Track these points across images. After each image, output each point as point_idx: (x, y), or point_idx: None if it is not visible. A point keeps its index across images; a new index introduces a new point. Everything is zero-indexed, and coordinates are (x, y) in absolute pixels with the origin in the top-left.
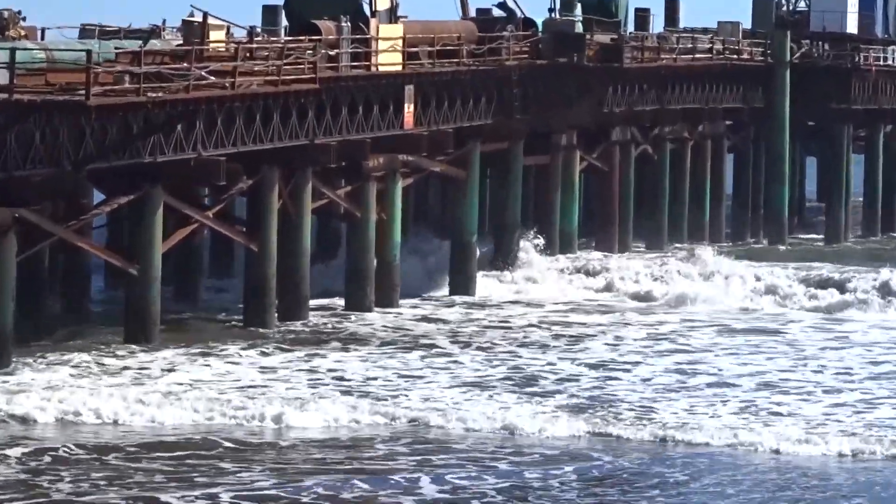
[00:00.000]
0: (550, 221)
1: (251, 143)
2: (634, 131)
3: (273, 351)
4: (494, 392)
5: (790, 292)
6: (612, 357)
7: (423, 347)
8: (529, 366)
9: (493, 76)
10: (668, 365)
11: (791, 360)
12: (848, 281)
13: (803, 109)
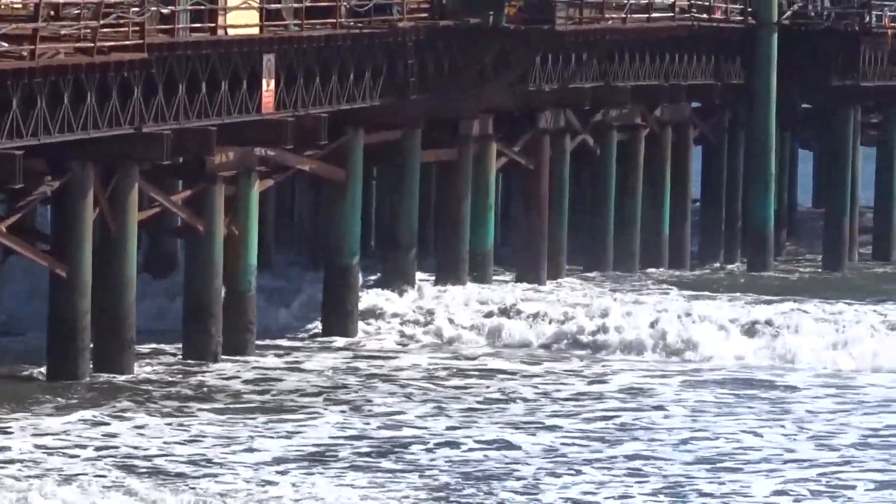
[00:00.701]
0: (457, 237)
1: (57, 133)
2: (570, 116)
3: (68, 411)
4: (340, 468)
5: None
6: (526, 419)
7: (271, 406)
8: (405, 431)
9: (381, 43)
10: (591, 428)
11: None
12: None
13: (795, 87)
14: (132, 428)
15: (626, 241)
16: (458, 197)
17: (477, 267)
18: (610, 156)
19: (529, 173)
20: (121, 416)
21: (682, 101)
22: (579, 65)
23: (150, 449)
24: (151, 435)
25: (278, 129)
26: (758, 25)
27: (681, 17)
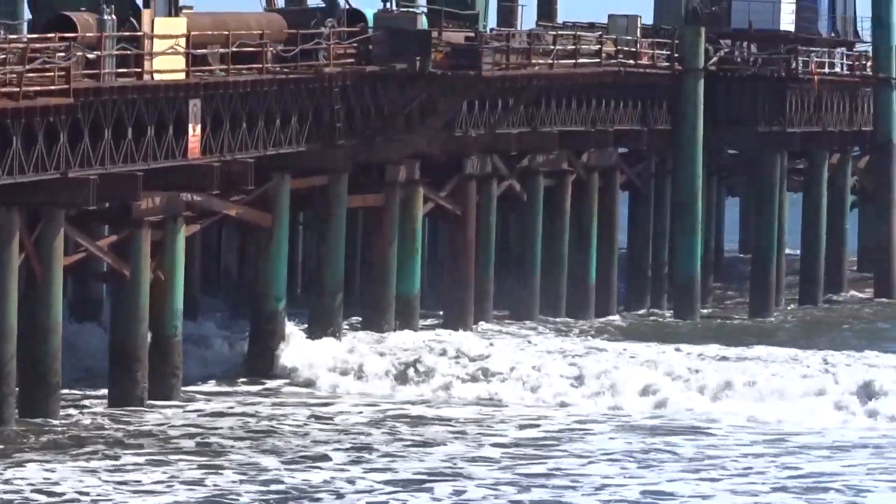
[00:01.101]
0: (384, 282)
1: None
2: (497, 162)
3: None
4: None
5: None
6: (445, 467)
7: (193, 451)
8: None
9: (307, 88)
10: (510, 478)
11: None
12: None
13: (722, 133)
14: (43, 472)
15: (553, 287)
16: (384, 242)
17: (403, 312)
18: (536, 201)
19: (456, 218)
20: (34, 460)
21: (609, 147)
22: (506, 110)
23: (66, 494)
24: (59, 478)
25: (204, 175)
26: (684, 71)
27: (607, 63)
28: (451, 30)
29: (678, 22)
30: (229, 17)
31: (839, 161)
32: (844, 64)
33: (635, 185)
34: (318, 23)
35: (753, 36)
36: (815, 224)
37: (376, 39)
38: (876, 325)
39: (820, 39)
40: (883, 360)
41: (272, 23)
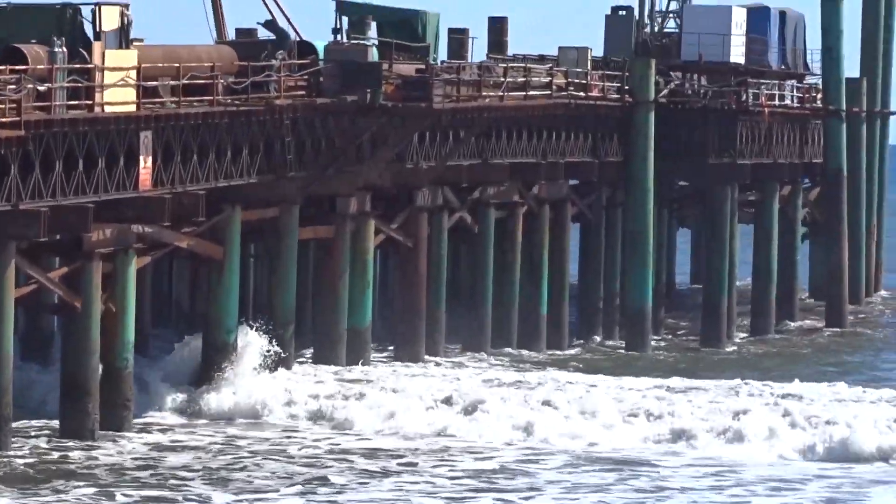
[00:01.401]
0: (335, 314)
1: None
2: (448, 194)
3: None
4: None
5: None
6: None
7: (141, 485)
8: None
9: (258, 120)
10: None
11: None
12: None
13: (673, 165)
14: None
15: (504, 319)
16: (335, 274)
17: (355, 344)
18: (488, 233)
19: (407, 250)
20: None
21: (560, 179)
22: (457, 142)
23: None
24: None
25: (156, 207)
26: (635, 103)
27: (558, 95)
28: (401, 62)
29: (628, 54)
30: (180, 49)
31: (790, 193)
32: (795, 96)
33: (586, 216)
34: (269, 55)
35: (704, 68)
36: (766, 255)
37: (327, 72)
38: (826, 355)
39: (770, 71)
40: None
41: (223, 55)
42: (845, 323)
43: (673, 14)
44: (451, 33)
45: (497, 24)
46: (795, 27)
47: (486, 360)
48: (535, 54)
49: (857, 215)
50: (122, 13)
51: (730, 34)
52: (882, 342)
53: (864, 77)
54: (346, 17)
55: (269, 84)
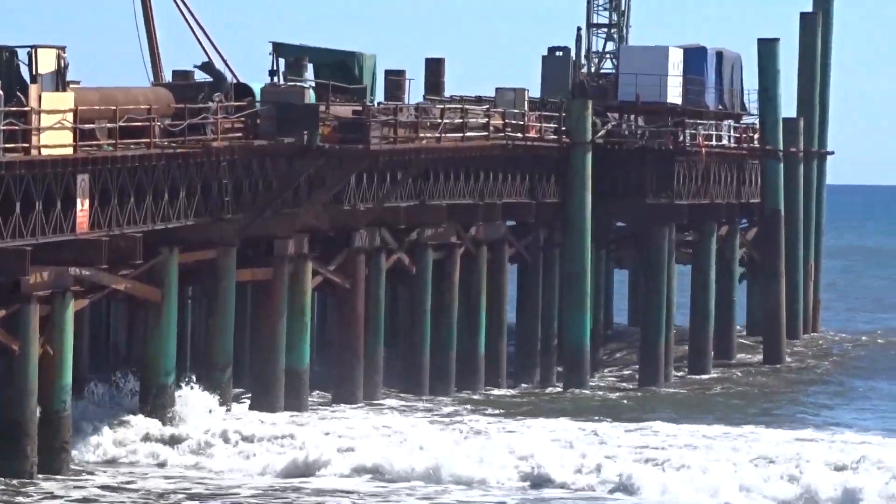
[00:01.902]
0: (273, 356)
1: None
2: (385, 235)
3: None
4: None
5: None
6: None
7: None
8: None
9: (195, 162)
10: None
11: None
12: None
13: (610, 206)
14: None
15: (443, 360)
16: (273, 316)
17: (293, 386)
18: (425, 275)
19: (345, 292)
20: None
21: (498, 220)
22: (394, 184)
23: None
24: None
25: (93, 249)
26: (572, 144)
27: (495, 136)
28: (338, 103)
29: (565, 95)
30: (117, 91)
31: (727, 233)
32: (732, 136)
33: (524, 257)
34: (206, 97)
35: (641, 109)
36: (703, 295)
37: (264, 114)
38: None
39: (707, 112)
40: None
41: (160, 97)
42: (783, 359)
43: (610, 55)
44: (387, 74)
45: (434, 66)
46: (732, 67)
47: (416, 403)
48: (473, 95)
49: (795, 255)
50: (58, 56)
51: (667, 75)
52: (812, 381)
53: (801, 117)
54: (283, 58)
55: (206, 126)
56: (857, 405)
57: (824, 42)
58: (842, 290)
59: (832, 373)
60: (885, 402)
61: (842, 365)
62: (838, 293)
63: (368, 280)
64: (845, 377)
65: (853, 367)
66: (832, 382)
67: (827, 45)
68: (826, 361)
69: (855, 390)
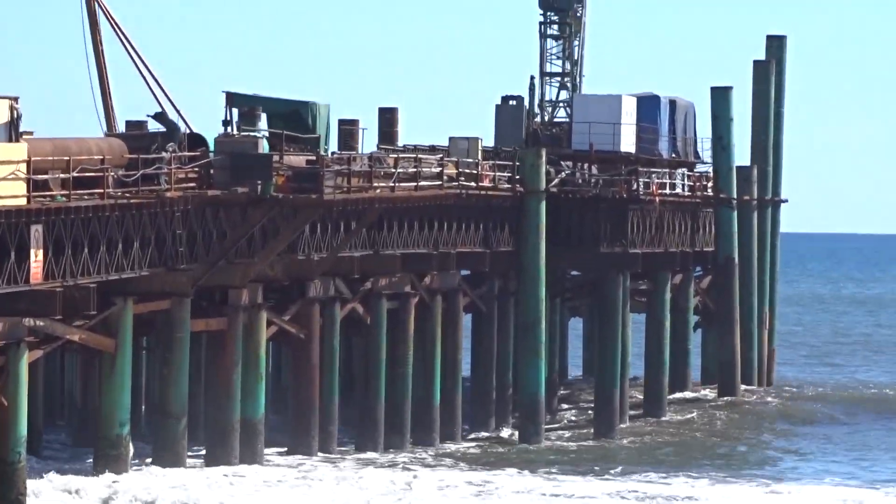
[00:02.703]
0: (228, 406)
1: None
2: (340, 285)
3: None
4: None
5: None
6: None
7: None
8: None
9: (149, 212)
10: None
11: None
12: None
13: (564, 254)
14: None
15: (398, 411)
16: (228, 366)
17: (248, 436)
18: (380, 324)
19: (300, 342)
20: None
21: (452, 269)
22: (348, 233)
23: None
24: None
25: (47, 300)
26: (526, 193)
27: (449, 185)
28: (292, 153)
29: (519, 144)
30: (70, 141)
31: (681, 281)
32: (685, 184)
33: (479, 306)
34: (160, 147)
35: (594, 157)
36: (658, 344)
37: (218, 164)
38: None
39: (661, 160)
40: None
41: (113, 147)
42: (737, 392)
43: (563, 103)
44: (341, 124)
45: (387, 115)
46: (686, 116)
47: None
48: (426, 144)
49: (749, 303)
50: (11, 107)
51: (620, 123)
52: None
53: (754, 165)
54: (236, 108)
55: (159, 176)
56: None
57: (777, 90)
58: (800, 337)
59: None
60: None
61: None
62: (794, 341)
63: (323, 330)
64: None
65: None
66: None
67: (780, 93)
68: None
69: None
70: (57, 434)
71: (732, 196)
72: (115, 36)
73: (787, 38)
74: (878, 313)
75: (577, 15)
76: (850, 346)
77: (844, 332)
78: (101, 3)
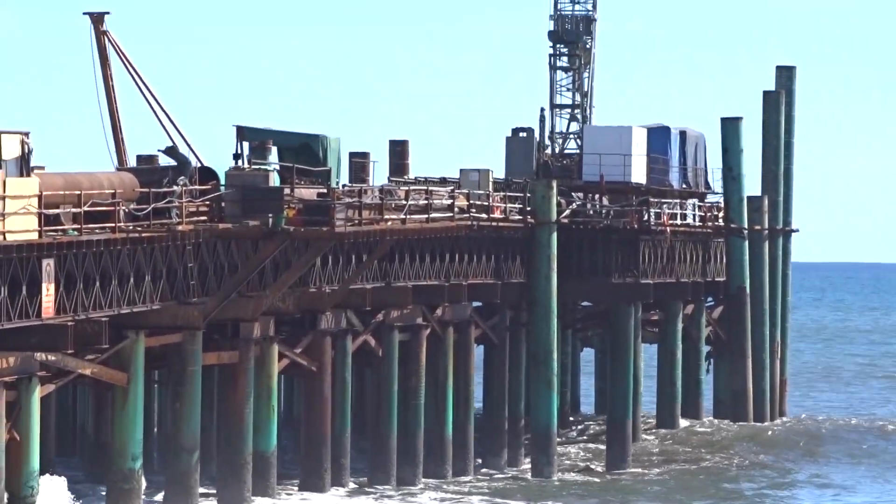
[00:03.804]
0: (240, 439)
1: None
2: (351, 317)
3: None
4: None
5: None
6: None
7: None
8: None
9: (160, 246)
10: None
11: None
12: None
13: (576, 285)
14: None
15: (410, 444)
16: (240, 399)
17: (260, 469)
18: (392, 356)
19: (311, 375)
20: None
21: (464, 301)
22: (360, 266)
23: None
24: None
25: (59, 334)
26: (537, 224)
27: (460, 217)
28: (303, 186)
29: (530, 175)
30: (81, 176)
31: (693, 311)
32: (696, 214)
33: (490, 338)
34: (171, 181)
35: (605, 188)
36: (670, 375)
37: (228, 197)
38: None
39: (671, 191)
40: None
41: (124, 182)
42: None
43: (573, 135)
44: (352, 157)
45: (398, 147)
46: (696, 146)
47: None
48: (437, 177)
49: (761, 333)
50: (22, 141)
51: (630, 154)
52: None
53: (765, 195)
54: (247, 142)
55: (170, 210)
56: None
57: (787, 120)
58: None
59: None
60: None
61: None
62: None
63: (335, 362)
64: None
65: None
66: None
67: (790, 123)
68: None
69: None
70: (70, 469)
71: (743, 226)
72: (126, 70)
73: (797, 68)
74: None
75: (587, 47)
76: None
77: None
78: (111, 38)
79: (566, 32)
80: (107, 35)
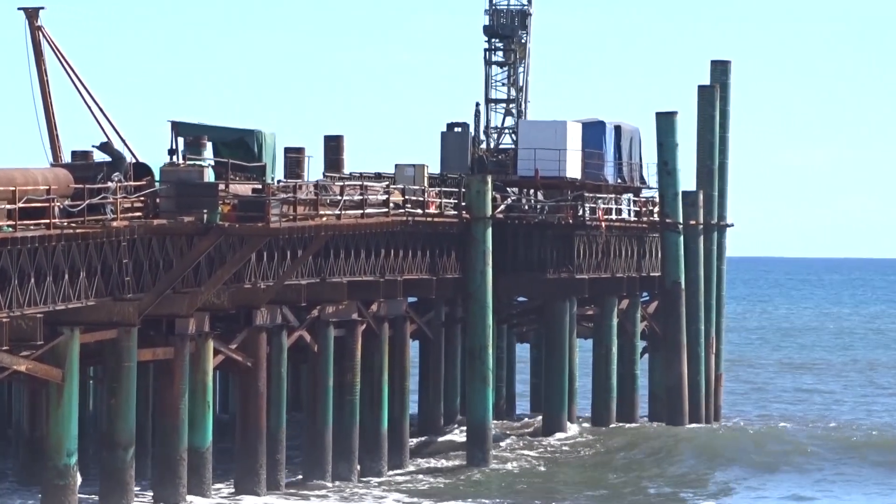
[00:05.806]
0: (176, 435)
1: None
2: (286, 313)
3: None
4: None
5: None
6: None
7: None
8: None
9: (95, 242)
10: None
11: None
12: None
13: (511, 280)
14: None
15: (345, 439)
16: (175, 395)
17: (196, 465)
18: (327, 352)
19: (247, 370)
20: None
21: (399, 297)
22: (295, 261)
23: None
24: None
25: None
26: (472, 220)
27: (395, 212)
28: (238, 182)
29: (465, 170)
30: (16, 172)
31: (628, 306)
32: (631, 209)
33: (426, 333)
34: (105, 177)
35: (540, 183)
36: (605, 370)
37: (163, 193)
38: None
39: (606, 186)
40: None
41: (59, 178)
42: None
43: (508, 130)
44: (287, 152)
45: (333, 143)
46: (631, 141)
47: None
48: (372, 172)
49: (696, 328)
50: None
51: (565, 149)
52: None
53: (700, 190)
54: (182, 137)
55: (105, 206)
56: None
57: (722, 114)
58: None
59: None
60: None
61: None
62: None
63: (270, 358)
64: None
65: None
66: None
67: (725, 118)
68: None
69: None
70: (5, 468)
71: (678, 221)
72: (60, 66)
73: (731, 62)
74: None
75: (522, 41)
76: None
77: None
78: (46, 34)
79: (501, 27)
80: (41, 30)
